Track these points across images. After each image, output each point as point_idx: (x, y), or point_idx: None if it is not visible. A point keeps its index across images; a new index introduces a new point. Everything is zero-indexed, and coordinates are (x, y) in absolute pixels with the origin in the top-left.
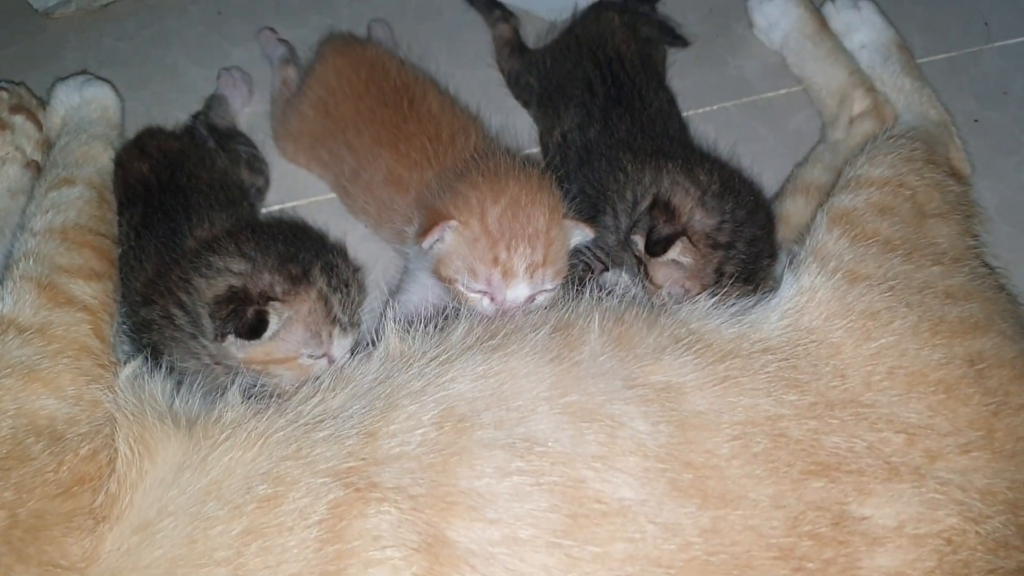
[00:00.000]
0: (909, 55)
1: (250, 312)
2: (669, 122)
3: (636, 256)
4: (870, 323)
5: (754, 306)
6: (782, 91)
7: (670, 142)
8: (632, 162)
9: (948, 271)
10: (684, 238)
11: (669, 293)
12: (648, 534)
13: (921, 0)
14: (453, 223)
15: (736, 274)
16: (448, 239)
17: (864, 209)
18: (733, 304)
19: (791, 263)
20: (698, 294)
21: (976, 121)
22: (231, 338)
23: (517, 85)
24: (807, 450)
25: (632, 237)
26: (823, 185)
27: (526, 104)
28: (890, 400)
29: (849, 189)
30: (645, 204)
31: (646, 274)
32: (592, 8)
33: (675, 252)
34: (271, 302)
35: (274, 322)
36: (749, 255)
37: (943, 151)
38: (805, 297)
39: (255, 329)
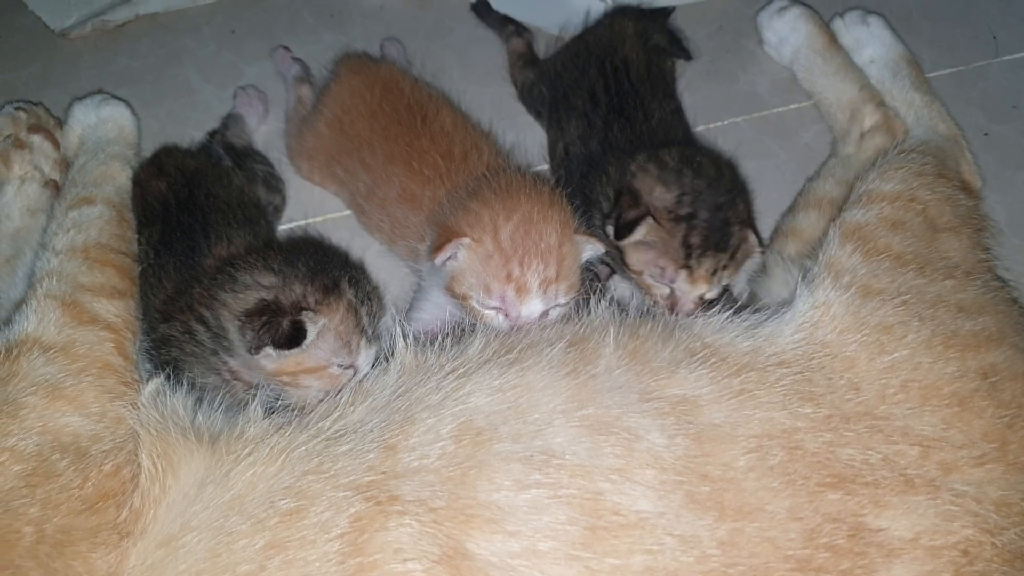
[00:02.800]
0: (918, 69)
1: (285, 323)
2: (672, 133)
3: (616, 247)
4: (884, 337)
5: (768, 320)
6: (792, 106)
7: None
8: (612, 164)
9: (960, 285)
10: (649, 218)
11: (649, 276)
12: (666, 546)
13: (929, 15)
14: (466, 240)
15: (703, 244)
16: (461, 256)
17: (876, 224)
18: (744, 318)
19: (805, 277)
20: (675, 272)
21: (986, 135)
22: (267, 349)
23: (530, 96)
24: (823, 462)
25: (606, 229)
26: (835, 199)
27: (538, 115)
28: (904, 413)
29: (861, 204)
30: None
31: (625, 263)
32: (608, 15)
33: (640, 233)
34: (304, 312)
35: (312, 331)
36: (714, 223)
37: (954, 165)
38: (819, 311)
39: (293, 338)
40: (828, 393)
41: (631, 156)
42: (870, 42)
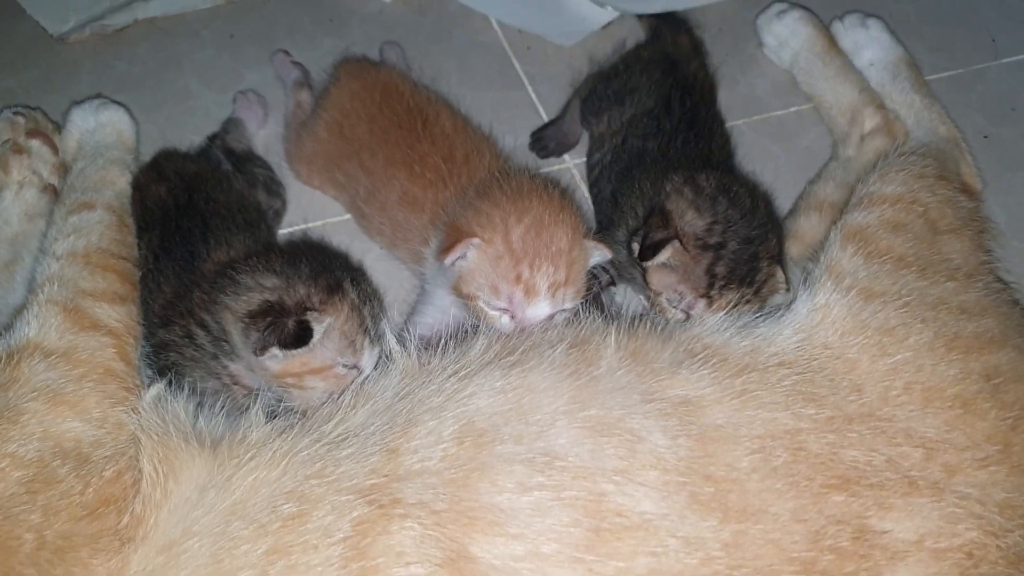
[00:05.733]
0: (918, 72)
1: (291, 323)
2: (723, 158)
3: (639, 264)
4: (886, 339)
5: (766, 320)
6: (792, 109)
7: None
8: (648, 179)
9: (962, 287)
10: (675, 241)
11: (667, 299)
12: (670, 548)
13: (929, 18)
14: (476, 240)
15: (729, 275)
16: (470, 256)
17: (877, 226)
18: (744, 317)
19: (806, 280)
20: (694, 299)
21: (986, 137)
22: (273, 350)
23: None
24: (826, 464)
25: (632, 245)
26: (836, 202)
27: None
28: (907, 415)
29: (862, 206)
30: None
31: (645, 281)
32: (662, 28)
33: (664, 256)
34: (308, 312)
35: (318, 330)
36: (742, 256)
37: (954, 167)
38: (820, 314)
39: (300, 338)
40: (831, 395)
41: (667, 175)
42: (869, 45)
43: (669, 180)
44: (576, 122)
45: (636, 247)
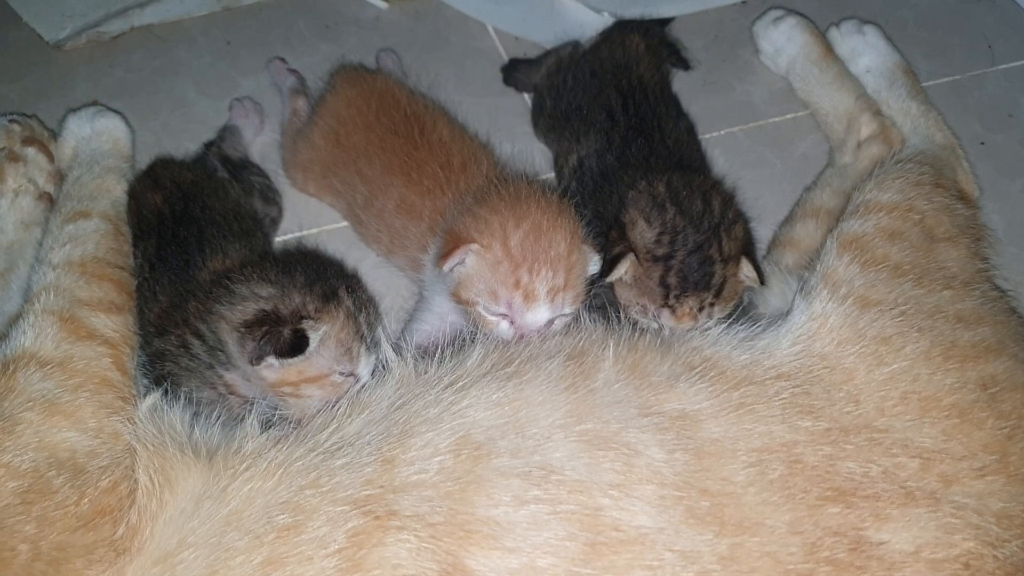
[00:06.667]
0: (915, 79)
1: (286, 332)
2: (687, 152)
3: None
4: (882, 348)
5: (765, 332)
6: (789, 116)
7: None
8: (624, 189)
9: (959, 295)
10: (631, 255)
11: (635, 312)
12: (667, 562)
13: (926, 24)
14: (474, 246)
15: (681, 284)
16: (469, 262)
17: (874, 234)
18: (742, 331)
19: (802, 289)
20: (657, 310)
21: (982, 144)
22: (270, 359)
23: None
24: (823, 476)
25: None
26: (832, 209)
27: (535, 126)
28: (904, 425)
29: (858, 214)
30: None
31: (615, 295)
32: (616, 30)
33: (620, 270)
34: (304, 320)
35: (314, 339)
36: (692, 264)
37: (951, 174)
38: (817, 323)
39: (295, 347)
40: (827, 406)
41: (635, 182)
42: (866, 51)
43: (635, 188)
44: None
45: (598, 263)
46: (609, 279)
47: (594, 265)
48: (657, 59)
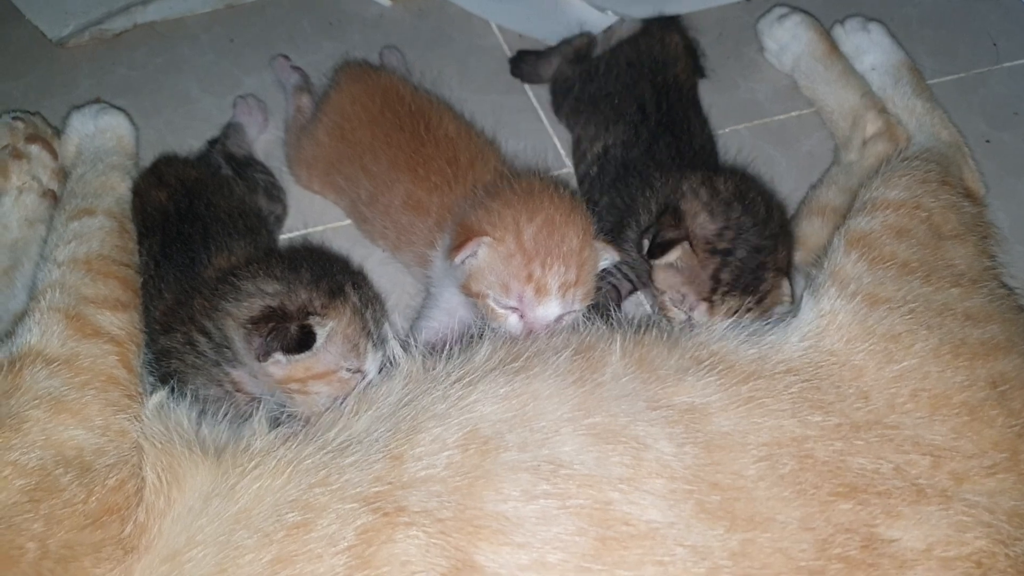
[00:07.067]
0: (920, 76)
1: (293, 327)
2: (709, 158)
3: (647, 261)
4: (892, 346)
5: (773, 327)
6: (794, 113)
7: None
8: (660, 178)
9: (967, 293)
10: (685, 243)
11: (670, 298)
12: (677, 557)
13: (930, 22)
14: (487, 239)
15: (733, 282)
16: (481, 255)
17: (881, 232)
18: (751, 325)
19: (810, 286)
20: (696, 301)
21: (987, 141)
22: (277, 356)
23: (561, 86)
24: (834, 471)
25: (643, 241)
26: (839, 206)
27: (558, 108)
28: (914, 422)
29: (865, 212)
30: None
31: (651, 278)
32: (657, 25)
33: (672, 256)
34: (311, 316)
35: (321, 334)
36: (749, 265)
37: (957, 172)
38: (825, 320)
39: (303, 343)
40: (837, 402)
41: (684, 174)
42: (871, 49)
43: (687, 179)
44: (550, 69)
45: (646, 244)
46: (660, 262)
47: (611, 257)
48: (694, 62)
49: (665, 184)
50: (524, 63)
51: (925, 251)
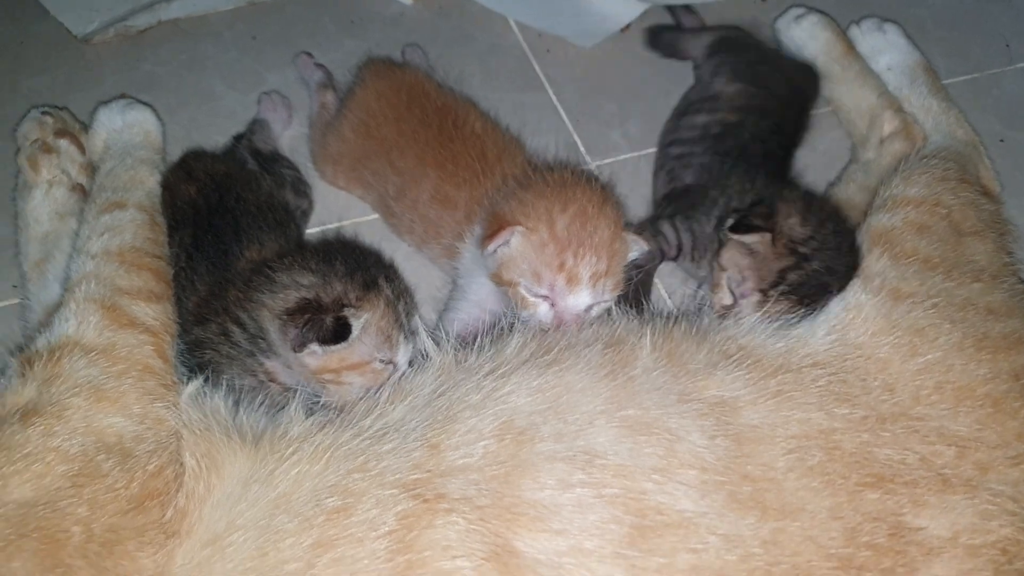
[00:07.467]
0: (935, 76)
1: (329, 319)
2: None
3: (719, 236)
4: (916, 339)
5: (799, 322)
6: (811, 112)
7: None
8: (764, 179)
9: (988, 288)
10: (768, 235)
11: (729, 277)
12: (711, 545)
13: (943, 23)
14: (520, 228)
15: (796, 286)
16: (514, 243)
17: (903, 228)
18: (777, 320)
19: None
20: (752, 289)
21: (1001, 140)
22: (312, 347)
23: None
24: (861, 462)
25: (728, 218)
26: (858, 204)
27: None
28: (939, 414)
29: (886, 209)
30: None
31: (718, 253)
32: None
33: (752, 238)
34: (346, 308)
35: (356, 326)
36: (817, 279)
37: (973, 170)
38: (851, 314)
39: (338, 334)
40: (863, 394)
41: (791, 184)
42: (887, 49)
43: (789, 186)
44: (691, 52)
45: (731, 220)
46: (740, 238)
47: (639, 249)
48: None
49: (767, 185)
50: (663, 36)
51: (946, 247)
